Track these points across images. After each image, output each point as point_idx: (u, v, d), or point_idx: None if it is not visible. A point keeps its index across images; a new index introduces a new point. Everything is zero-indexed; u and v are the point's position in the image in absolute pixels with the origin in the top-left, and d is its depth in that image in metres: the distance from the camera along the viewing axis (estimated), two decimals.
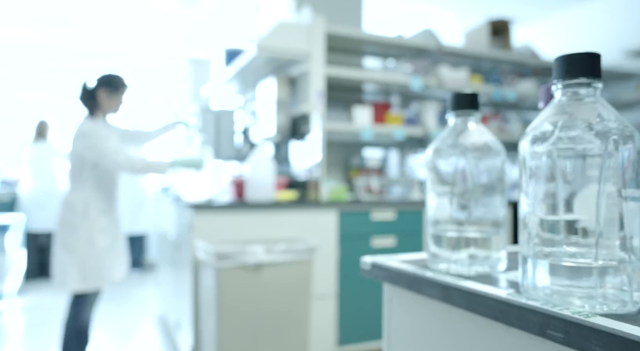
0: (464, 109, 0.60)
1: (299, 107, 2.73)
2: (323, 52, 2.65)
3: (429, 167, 0.61)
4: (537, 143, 0.43)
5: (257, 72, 3.02)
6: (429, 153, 0.61)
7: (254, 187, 2.39)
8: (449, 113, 0.62)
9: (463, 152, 0.57)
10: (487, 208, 0.57)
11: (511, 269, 0.59)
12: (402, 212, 2.61)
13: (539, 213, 0.43)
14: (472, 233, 0.57)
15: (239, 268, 1.97)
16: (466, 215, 0.57)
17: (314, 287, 2.31)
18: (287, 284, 2.08)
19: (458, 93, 0.60)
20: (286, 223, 2.34)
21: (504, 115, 3.59)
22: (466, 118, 0.60)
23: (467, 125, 0.60)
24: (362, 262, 0.66)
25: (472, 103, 0.60)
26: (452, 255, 0.58)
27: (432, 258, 0.60)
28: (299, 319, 2.13)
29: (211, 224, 2.20)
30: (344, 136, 3.10)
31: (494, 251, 0.57)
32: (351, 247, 2.49)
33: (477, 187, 0.56)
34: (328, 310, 2.42)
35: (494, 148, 0.57)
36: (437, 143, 0.60)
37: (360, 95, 3.31)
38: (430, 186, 0.61)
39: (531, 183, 0.44)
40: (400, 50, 3.16)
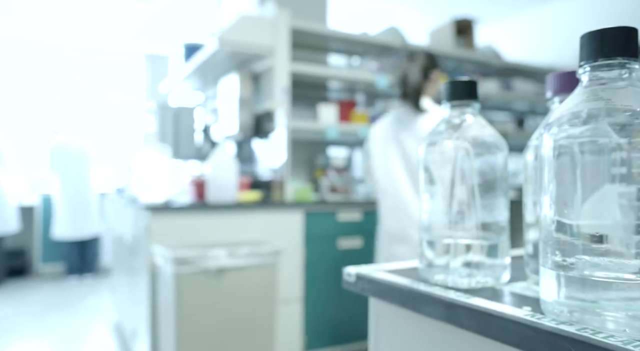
0: (462, 99, 0.53)
1: (263, 104, 2.63)
2: (288, 48, 2.56)
3: (421, 165, 0.54)
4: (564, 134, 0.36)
5: (218, 68, 2.90)
6: (421, 150, 0.54)
7: (215, 188, 2.27)
8: (444, 104, 0.55)
9: (463, 147, 0.50)
10: (490, 210, 0.50)
11: (516, 279, 0.52)
12: (368, 212, 2.55)
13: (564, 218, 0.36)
14: (473, 239, 0.50)
15: (200, 273, 1.86)
16: (466, 218, 0.50)
17: (279, 291, 2.22)
18: (251, 289, 1.98)
19: (454, 81, 0.53)
20: (250, 225, 2.24)
21: None
22: (464, 109, 0.53)
23: (465, 117, 0.53)
24: (345, 273, 0.58)
25: (470, 92, 0.53)
26: (450, 265, 0.51)
27: (427, 268, 0.53)
28: (264, 325, 2.03)
29: (169, 227, 2.07)
30: (308, 135, 3.02)
31: (498, 259, 0.50)
32: (317, 249, 2.41)
33: (478, 187, 0.49)
34: (293, 315, 2.34)
35: (496, 144, 0.51)
36: (431, 138, 0.53)
37: (325, 93, 3.24)
38: (423, 187, 0.53)
39: (552, 182, 0.37)
40: (366, 48, 3.11)
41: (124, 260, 2.84)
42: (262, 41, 2.50)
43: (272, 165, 2.61)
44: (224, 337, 1.91)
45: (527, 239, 0.51)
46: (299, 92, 2.98)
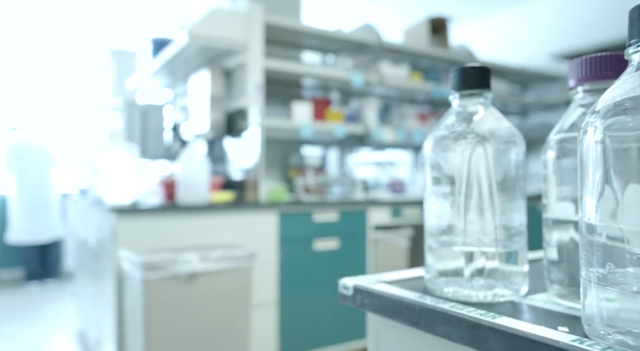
0: (472, 88, 0.47)
1: (235, 101, 2.54)
2: (261, 43, 2.48)
3: (429, 162, 0.47)
4: (617, 126, 0.30)
5: (188, 64, 2.78)
6: (428, 145, 0.48)
7: (185, 188, 2.17)
8: (453, 94, 0.49)
9: (479, 142, 0.44)
10: (508, 213, 0.44)
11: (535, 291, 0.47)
12: (344, 213, 2.50)
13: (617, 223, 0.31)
14: (490, 246, 0.44)
15: (170, 278, 1.76)
16: (482, 222, 0.44)
17: (253, 295, 2.13)
18: (224, 294, 1.90)
19: (465, 68, 0.47)
20: (222, 227, 2.15)
21: (441, 114, 3.60)
22: (475, 99, 0.47)
23: (477, 108, 0.47)
24: (341, 285, 0.51)
25: (482, 80, 0.47)
26: (463, 275, 0.44)
27: (434, 279, 0.47)
28: (238, 330, 1.95)
29: (137, 230, 1.96)
30: (282, 133, 2.94)
31: (518, 268, 0.44)
32: (292, 251, 2.34)
33: (496, 187, 0.44)
34: (269, 319, 2.26)
35: (513, 138, 0.45)
36: (440, 132, 0.47)
37: (299, 91, 3.17)
38: (431, 187, 0.47)
39: (600, 183, 0.31)
40: (340, 45, 3.06)
41: (88, 265, 2.70)
42: (234, 36, 2.41)
43: (245, 165, 2.52)
44: (196, 344, 1.81)
45: (548, 242, 0.45)
46: (273, 89, 2.90)
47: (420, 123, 3.36)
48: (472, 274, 0.44)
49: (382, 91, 3.27)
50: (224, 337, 1.90)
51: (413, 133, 3.16)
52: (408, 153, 3.98)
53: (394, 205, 2.68)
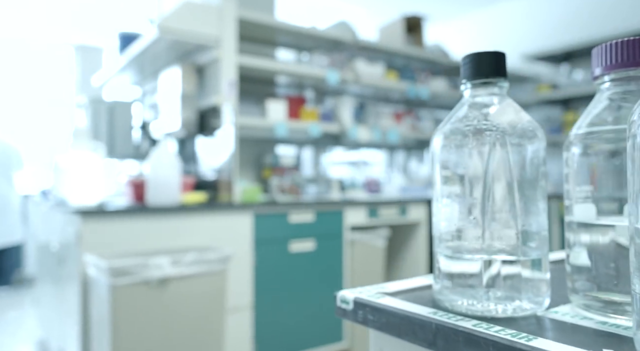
0: (487, 76, 0.42)
1: (208, 99, 2.45)
2: (234, 39, 2.40)
3: (439, 160, 0.42)
4: None
5: (158, 60, 2.68)
6: (438, 141, 0.42)
7: (156, 189, 2.07)
8: (464, 83, 0.44)
9: (499, 136, 0.39)
10: (529, 215, 0.39)
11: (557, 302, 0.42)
12: (321, 213, 2.44)
13: None
14: (510, 253, 0.39)
15: (140, 284, 1.66)
16: (501, 227, 0.39)
17: (228, 299, 2.05)
18: (198, 299, 1.81)
19: (478, 53, 0.42)
20: (195, 229, 2.06)
21: (416, 113, 3.59)
22: (490, 88, 0.42)
23: (493, 99, 0.42)
24: (339, 298, 0.45)
25: (497, 67, 0.42)
26: (479, 286, 0.39)
27: (445, 289, 0.42)
28: (212, 336, 1.87)
29: (104, 233, 1.85)
30: (256, 132, 2.86)
31: (540, 278, 0.40)
32: (267, 253, 2.27)
33: (517, 187, 0.39)
34: (243, 324, 2.18)
35: (537, 131, 0.40)
36: (453, 126, 0.42)
37: (273, 89, 3.10)
38: (442, 188, 0.42)
39: None
40: (315, 42, 3.00)
41: (50, 270, 2.55)
42: (206, 31, 2.32)
43: (218, 164, 2.44)
44: None
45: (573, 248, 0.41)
46: (246, 87, 2.82)
47: (395, 123, 3.34)
48: (487, 284, 0.39)
49: (357, 90, 3.24)
50: (198, 344, 1.82)
51: (388, 132, 3.13)
52: (382, 153, 3.96)
53: (370, 205, 2.64)
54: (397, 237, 3.05)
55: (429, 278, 0.52)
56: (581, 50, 3.57)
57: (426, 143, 3.90)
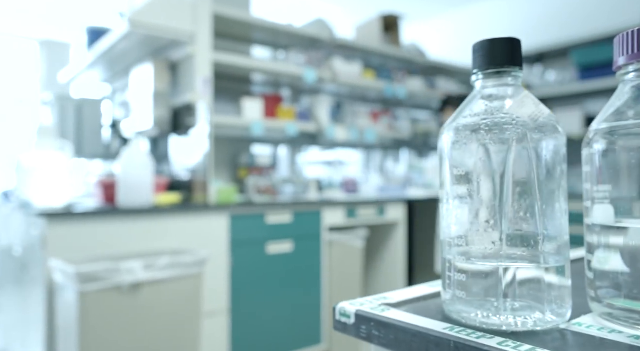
0: (502, 65, 0.38)
1: (182, 96, 2.37)
2: (210, 34, 2.33)
3: (449, 158, 0.38)
4: None
5: (129, 56, 2.58)
6: (448, 138, 0.38)
7: (127, 189, 1.99)
8: (476, 74, 0.40)
9: (521, 131, 0.35)
10: (552, 219, 0.36)
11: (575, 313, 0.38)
12: (298, 214, 2.40)
13: None
14: (531, 260, 0.35)
15: (110, 290, 1.58)
16: (521, 232, 0.35)
17: (203, 304, 1.98)
18: (172, 304, 1.74)
19: (492, 40, 0.39)
20: (169, 231, 1.98)
21: (393, 113, 3.58)
22: (503, 79, 0.39)
23: (508, 90, 0.38)
24: (339, 311, 0.41)
25: (513, 55, 0.38)
26: (493, 296, 0.36)
27: (457, 300, 0.38)
28: (187, 342, 1.80)
29: (71, 237, 1.76)
30: (231, 131, 2.79)
31: (563, 287, 0.36)
32: (244, 255, 2.21)
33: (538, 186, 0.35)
34: (219, 328, 2.11)
35: (558, 126, 0.37)
36: (466, 120, 0.38)
37: (249, 87, 3.03)
38: (452, 188, 0.38)
39: None
40: (292, 40, 2.95)
41: (12, 276, 2.42)
42: (180, 26, 2.24)
43: (192, 164, 2.36)
44: None
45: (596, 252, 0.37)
46: (222, 84, 2.74)
47: (372, 122, 3.31)
48: (505, 295, 0.36)
49: (334, 88, 3.20)
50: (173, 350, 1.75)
51: (365, 132, 3.10)
52: (359, 153, 3.94)
53: (348, 205, 2.61)
54: (375, 237, 3.02)
55: (433, 286, 0.48)
56: (554, 52, 3.63)
57: (403, 143, 3.89)
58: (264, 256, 2.27)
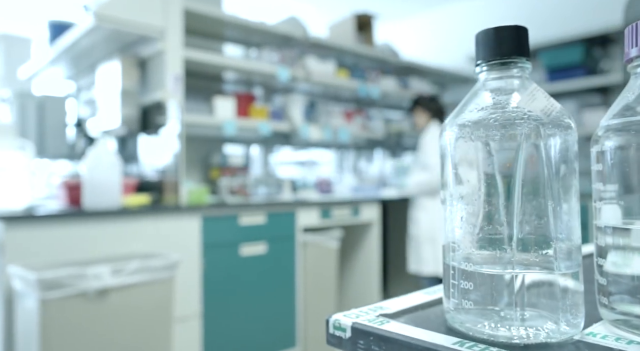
0: (509, 55, 0.35)
1: (151, 94, 2.29)
2: (180, 30, 2.26)
3: (452, 157, 0.35)
4: None
5: (95, 51, 2.48)
6: (451, 134, 0.35)
7: (93, 191, 1.90)
8: (479, 65, 0.37)
9: (534, 127, 0.32)
10: (564, 221, 0.33)
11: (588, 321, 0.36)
12: (272, 215, 2.35)
13: None
14: (541, 266, 0.33)
15: (76, 297, 1.50)
16: (530, 234, 0.33)
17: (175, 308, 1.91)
18: (142, 310, 1.67)
19: (497, 28, 0.36)
20: (138, 234, 1.91)
21: (366, 112, 3.57)
22: (509, 70, 0.36)
23: (515, 82, 0.36)
24: (331, 323, 0.37)
25: (520, 45, 0.36)
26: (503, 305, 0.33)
27: (462, 309, 0.35)
28: (158, 349, 1.73)
29: (32, 241, 1.67)
30: (203, 130, 2.72)
31: (577, 295, 0.33)
32: (217, 258, 2.15)
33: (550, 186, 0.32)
34: (191, 333, 2.05)
35: (570, 121, 0.34)
36: (472, 115, 0.35)
37: (221, 86, 2.96)
38: (457, 189, 0.35)
39: None
40: (264, 38, 2.90)
41: None
42: (150, 21, 2.16)
43: (162, 165, 2.29)
44: None
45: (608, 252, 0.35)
46: (193, 83, 2.67)
47: (346, 122, 3.29)
48: (516, 303, 0.33)
49: (307, 88, 3.17)
50: None
51: (339, 131, 3.08)
52: (332, 152, 3.91)
53: (323, 205, 2.58)
54: (350, 238, 3.01)
55: (430, 294, 0.45)
56: None
57: (377, 143, 3.89)
58: (237, 258, 2.22)
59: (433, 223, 2.69)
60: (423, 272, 2.70)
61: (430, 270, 2.67)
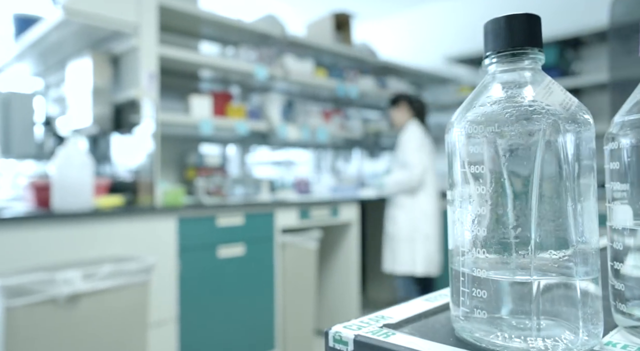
0: (521, 45, 0.33)
1: (125, 92, 2.22)
2: (155, 26, 2.19)
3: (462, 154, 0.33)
4: None
5: (64, 47, 2.38)
6: (460, 132, 0.33)
7: (63, 192, 1.82)
8: (488, 57, 0.35)
9: (554, 122, 0.30)
10: (584, 223, 0.31)
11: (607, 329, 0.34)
12: (250, 216, 2.31)
13: None
14: (559, 272, 0.31)
15: (44, 304, 1.43)
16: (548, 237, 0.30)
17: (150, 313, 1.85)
18: (116, 315, 1.61)
19: (508, 17, 0.34)
20: (111, 236, 1.84)
21: (344, 112, 3.55)
22: (520, 62, 0.34)
23: (527, 76, 0.33)
24: (331, 336, 0.34)
25: (532, 35, 0.33)
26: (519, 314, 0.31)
27: (472, 318, 0.32)
28: None
29: None
30: (179, 129, 2.66)
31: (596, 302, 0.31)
32: (194, 260, 2.10)
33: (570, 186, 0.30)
34: (167, 338, 1.99)
35: (589, 117, 0.32)
36: (484, 109, 0.32)
37: (197, 84, 2.90)
38: (466, 189, 0.33)
39: None
40: (241, 36, 2.85)
41: None
42: (123, 16, 2.09)
43: (136, 165, 2.22)
44: None
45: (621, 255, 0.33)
46: (168, 80, 2.60)
47: (324, 122, 3.27)
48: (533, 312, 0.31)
49: (284, 87, 3.13)
50: None
51: (317, 131, 3.05)
52: (309, 152, 3.89)
53: (301, 206, 2.55)
54: (328, 238, 2.98)
55: (431, 300, 0.43)
56: None
57: (355, 143, 3.88)
58: (214, 260, 2.17)
59: (412, 222, 2.68)
60: (397, 271, 2.70)
61: (404, 270, 2.66)
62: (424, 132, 2.80)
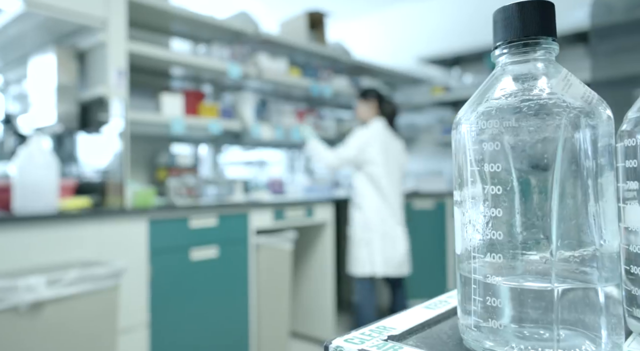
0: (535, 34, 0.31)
1: (92, 90, 2.13)
2: (124, 21, 2.11)
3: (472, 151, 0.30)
4: None
5: (26, 41, 2.27)
6: (469, 128, 0.30)
7: (25, 193, 1.73)
8: (498, 47, 0.32)
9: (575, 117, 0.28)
10: (604, 225, 0.29)
11: None
12: (224, 217, 2.26)
13: None
14: (581, 279, 0.28)
15: (5, 312, 1.35)
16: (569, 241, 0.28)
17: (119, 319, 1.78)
18: (83, 323, 1.53)
19: (519, 4, 0.31)
20: (78, 240, 1.76)
21: (318, 112, 3.53)
22: (536, 53, 0.31)
23: (540, 68, 0.31)
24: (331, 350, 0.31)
25: (546, 23, 0.31)
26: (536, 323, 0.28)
27: (485, 328, 0.30)
28: None
29: None
30: (149, 128, 2.58)
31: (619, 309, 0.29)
32: (165, 263, 2.03)
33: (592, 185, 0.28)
34: (138, 345, 1.92)
35: (609, 111, 0.30)
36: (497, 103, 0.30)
37: (167, 82, 2.82)
38: (477, 188, 0.30)
39: None
40: (213, 33, 2.79)
41: None
42: (89, 10, 2.00)
43: (104, 165, 2.13)
44: None
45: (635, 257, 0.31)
46: (137, 78, 2.52)
47: (298, 121, 3.24)
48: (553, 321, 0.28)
49: (258, 85, 3.08)
50: None
51: (291, 131, 3.02)
52: (282, 152, 3.84)
53: (276, 206, 2.51)
54: (303, 239, 2.95)
55: (431, 308, 0.40)
56: (470, 56, 3.78)
57: (329, 142, 3.85)
58: (187, 263, 2.11)
59: (367, 223, 2.62)
60: (356, 273, 2.62)
61: (362, 271, 2.60)
62: (392, 134, 2.75)
